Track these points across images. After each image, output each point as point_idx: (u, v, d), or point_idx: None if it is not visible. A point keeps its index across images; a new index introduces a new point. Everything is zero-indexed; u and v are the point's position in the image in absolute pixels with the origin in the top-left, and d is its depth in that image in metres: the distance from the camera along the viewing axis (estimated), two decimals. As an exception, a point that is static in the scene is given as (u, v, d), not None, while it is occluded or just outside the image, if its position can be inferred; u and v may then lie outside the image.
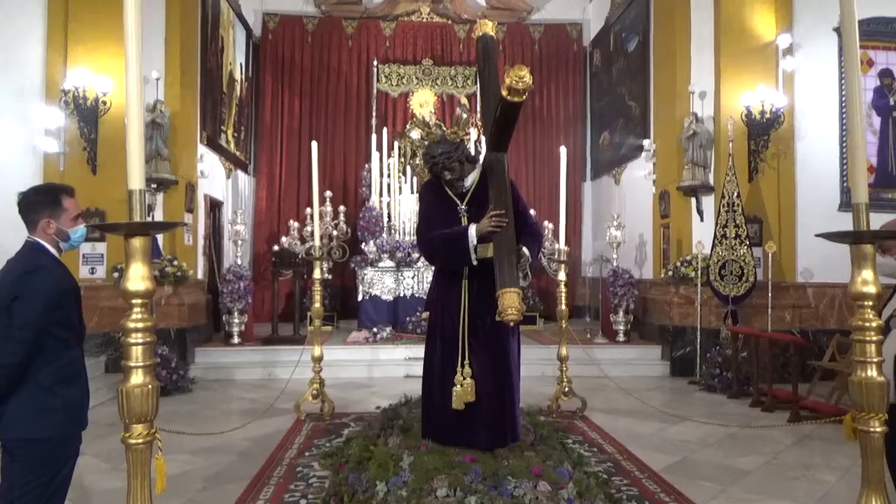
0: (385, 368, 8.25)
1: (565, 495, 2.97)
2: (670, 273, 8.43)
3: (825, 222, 8.29)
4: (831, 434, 5.59)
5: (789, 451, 5.18)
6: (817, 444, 5.33)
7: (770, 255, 7.85)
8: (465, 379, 3.40)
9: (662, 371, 8.43)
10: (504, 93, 3.05)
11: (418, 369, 8.16)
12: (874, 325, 2.14)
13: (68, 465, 2.51)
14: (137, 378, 1.96)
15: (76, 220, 2.59)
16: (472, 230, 3.30)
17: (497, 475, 3.07)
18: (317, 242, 6.19)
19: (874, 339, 2.15)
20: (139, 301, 1.93)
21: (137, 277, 1.91)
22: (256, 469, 4.59)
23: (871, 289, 2.15)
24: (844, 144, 8.52)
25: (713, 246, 7.88)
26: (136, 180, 1.93)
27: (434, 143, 3.50)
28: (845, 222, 8.88)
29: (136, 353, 1.95)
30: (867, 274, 2.16)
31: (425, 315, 5.27)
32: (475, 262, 3.34)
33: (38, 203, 2.51)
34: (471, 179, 3.54)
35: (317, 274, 6.10)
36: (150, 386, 1.96)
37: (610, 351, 8.58)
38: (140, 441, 1.94)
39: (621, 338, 8.94)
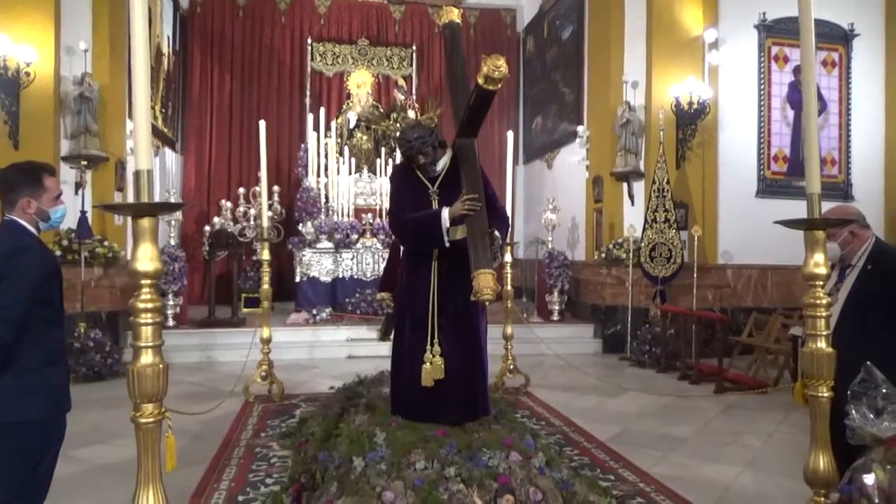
0: (327, 349, 8.27)
1: (536, 464, 3.15)
2: (603, 255, 8.82)
3: (744, 208, 8.93)
4: (753, 403, 6.09)
5: (718, 419, 5.60)
6: (742, 413, 5.79)
7: (696, 238, 8.34)
8: (434, 357, 3.51)
9: (595, 348, 8.83)
10: (480, 81, 3.17)
11: (361, 350, 8.28)
12: (823, 302, 2.41)
13: (54, 449, 2.47)
14: (147, 358, 1.97)
15: (56, 199, 2.52)
16: (445, 213, 3.40)
17: (471, 447, 3.21)
18: (265, 223, 6.14)
19: (823, 314, 2.42)
20: (148, 281, 1.93)
21: (146, 258, 1.91)
22: (212, 451, 4.56)
23: (822, 270, 2.40)
24: (762, 136, 9.12)
25: (644, 229, 8.30)
26: (143, 160, 1.93)
27: (409, 127, 3.56)
28: (762, 208, 9.56)
29: (146, 333, 1.96)
30: (818, 257, 2.40)
31: (380, 296, 5.35)
32: (448, 245, 3.44)
33: (19, 182, 2.42)
34: (442, 164, 3.64)
35: (265, 255, 6.08)
36: (160, 366, 1.98)
37: (545, 330, 8.88)
38: (150, 420, 1.96)
39: (556, 317, 9.30)
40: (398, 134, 3.60)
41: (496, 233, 3.35)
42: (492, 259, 3.25)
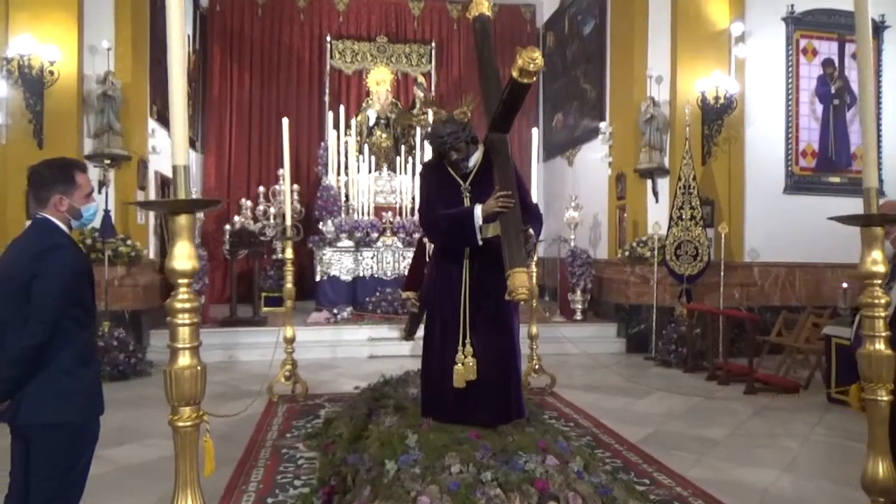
0: (349, 349, 8.21)
1: (574, 468, 3.06)
2: (626, 253, 8.68)
3: (771, 205, 8.76)
4: (786, 404, 5.95)
5: (750, 421, 5.47)
6: (775, 414, 5.65)
7: (722, 235, 8.18)
8: (466, 358, 3.43)
9: (618, 348, 8.70)
10: (515, 74, 3.08)
11: (382, 349, 8.21)
12: (882, 301, 2.30)
13: (88, 450, 2.43)
14: (185, 360, 1.93)
15: (88, 197, 2.47)
16: (479, 210, 3.31)
17: (506, 450, 3.13)
18: (288, 222, 6.09)
19: (881, 314, 2.31)
20: (185, 280, 1.87)
21: (183, 256, 1.85)
22: (239, 452, 4.52)
23: (880, 268, 2.29)
24: (790, 131, 8.94)
25: (669, 227, 8.15)
26: (180, 156, 1.86)
27: (441, 122, 3.48)
28: (790, 204, 9.31)
29: (184, 334, 1.91)
30: (876, 254, 2.30)
31: (406, 294, 5.29)
32: (481, 243, 3.36)
33: (51, 179, 2.37)
34: (474, 160, 3.56)
35: (289, 254, 6.03)
36: (198, 368, 1.94)
37: (568, 329, 8.77)
38: (188, 424, 1.91)
39: (578, 316, 9.17)
40: (430, 130, 3.51)
41: (530, 230, 3.27)
42: (526, 257, 3.16)
